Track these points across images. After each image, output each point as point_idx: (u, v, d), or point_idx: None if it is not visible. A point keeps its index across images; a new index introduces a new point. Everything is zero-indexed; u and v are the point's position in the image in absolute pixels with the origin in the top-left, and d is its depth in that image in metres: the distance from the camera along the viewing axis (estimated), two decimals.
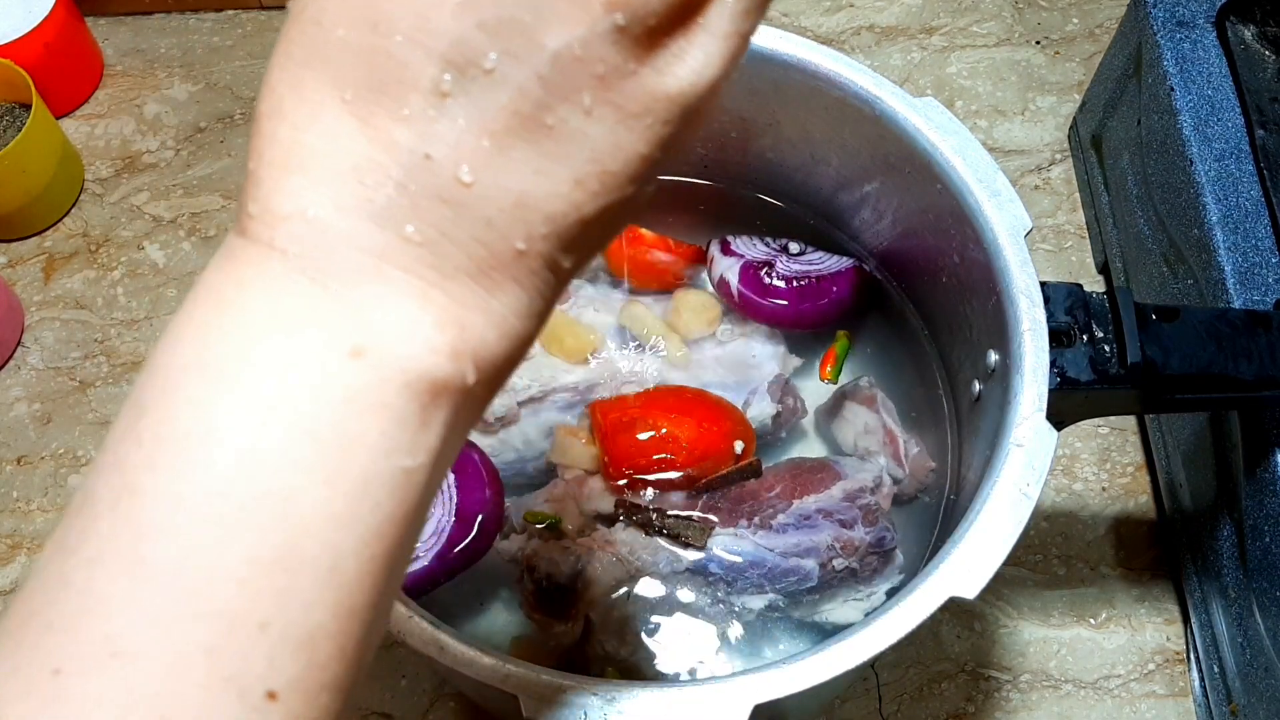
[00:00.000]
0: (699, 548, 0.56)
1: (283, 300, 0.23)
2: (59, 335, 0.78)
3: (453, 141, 0.22)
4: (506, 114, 0.22)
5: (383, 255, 0.23)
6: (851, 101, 0.57)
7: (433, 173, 0.22)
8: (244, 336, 0.23)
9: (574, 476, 0.59)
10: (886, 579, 0.57)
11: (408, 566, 0.27)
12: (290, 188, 0.23)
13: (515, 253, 0.23)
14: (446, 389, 0.24)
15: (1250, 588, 0.58)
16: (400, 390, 0.23)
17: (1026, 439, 0.47)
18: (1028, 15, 0.90)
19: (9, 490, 0.72)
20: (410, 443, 0.24)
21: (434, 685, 0.65)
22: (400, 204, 0.22)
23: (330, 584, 0.23)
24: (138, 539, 0.22)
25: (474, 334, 0.24)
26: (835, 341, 0.65)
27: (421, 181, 0.22)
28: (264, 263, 0.23)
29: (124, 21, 0.91)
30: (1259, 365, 0.51)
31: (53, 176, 0.79)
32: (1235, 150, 0.64)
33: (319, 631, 0.23)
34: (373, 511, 0.23)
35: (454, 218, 0.23)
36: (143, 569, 0.22)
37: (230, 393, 0.22)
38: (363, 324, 0.23)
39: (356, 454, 0.23)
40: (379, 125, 0.22)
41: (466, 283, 0.23)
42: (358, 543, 0.23)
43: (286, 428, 0.22)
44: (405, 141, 0.22)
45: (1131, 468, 0.72)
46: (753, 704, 0.41)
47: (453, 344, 0.23)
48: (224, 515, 0.22)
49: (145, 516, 0.22)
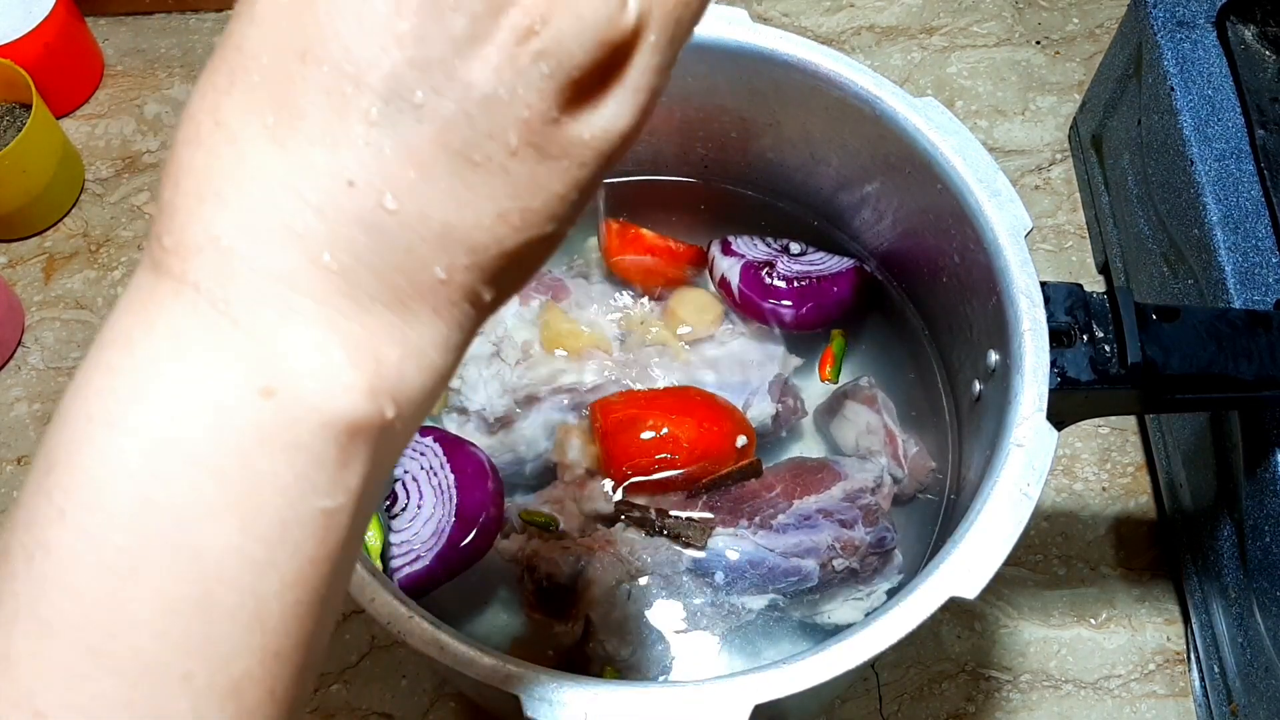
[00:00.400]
0: (699, 548, 0.56)
1: (190, 339, 0.22)
2: (59, 335, 0.78)
3: (377, 169, 0.22)
4: (434, 146, 0.22)
5: (296, 284, 0.22)
6: (852, 101, 0.57)
7: (354, 199, 0.22)
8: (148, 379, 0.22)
9: (574, 476, 0.59)
10: (886, 579, 0.57)
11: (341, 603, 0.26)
12: (206, 217, 0.22)
13: (436, 282, 0.23)
14: (364, 427, 0.23)
15: (1250, 588, 0.58)
16: (316, 430, 0.23)
17: (1027, 439, 0.47)
18: (1028, 15, 0.90)
19: (9, 490, 0.72)
20: (329, 483, 0.23)
21: (434, 685, 0.65)
22: (318, 230, 0.22)
23: (254, 630, 0.23)
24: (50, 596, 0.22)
25: (391, 369, 0.24)
26: (831, 341, 0.65)
27: (342, 207, 0.22)
28: (174, 300, 0.22)
29: (124, 21, 0.91)
30: (1259, 365, 0.51)
31: (53, 176, 0.79)
32: (1235, 150, 0.64)
33: (246, 679, 0.23)
34: (293, 555, 0.23)
35: (374, 245, 0.23)
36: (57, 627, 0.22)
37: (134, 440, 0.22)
38: (275, 362, 0.22)
39: (271, 498, 0.22)
40: (300, 151, 0.22)
41: (384, 313, 0.23)
42: (280, 587, 0.23)
43: (195, 475, 0.22)
44: (327, 167, 0.22)
45: (1132, 468, 0.72)
46: (753, 704, 0.41)
47: (369, 381, 0.23)
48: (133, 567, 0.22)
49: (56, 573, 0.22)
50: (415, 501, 0.56)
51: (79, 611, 0.22)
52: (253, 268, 0.22)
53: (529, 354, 0.61)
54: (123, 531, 0.22)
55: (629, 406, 0.59)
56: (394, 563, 0.54)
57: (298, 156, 0.22)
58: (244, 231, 0.22)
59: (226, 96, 0.23)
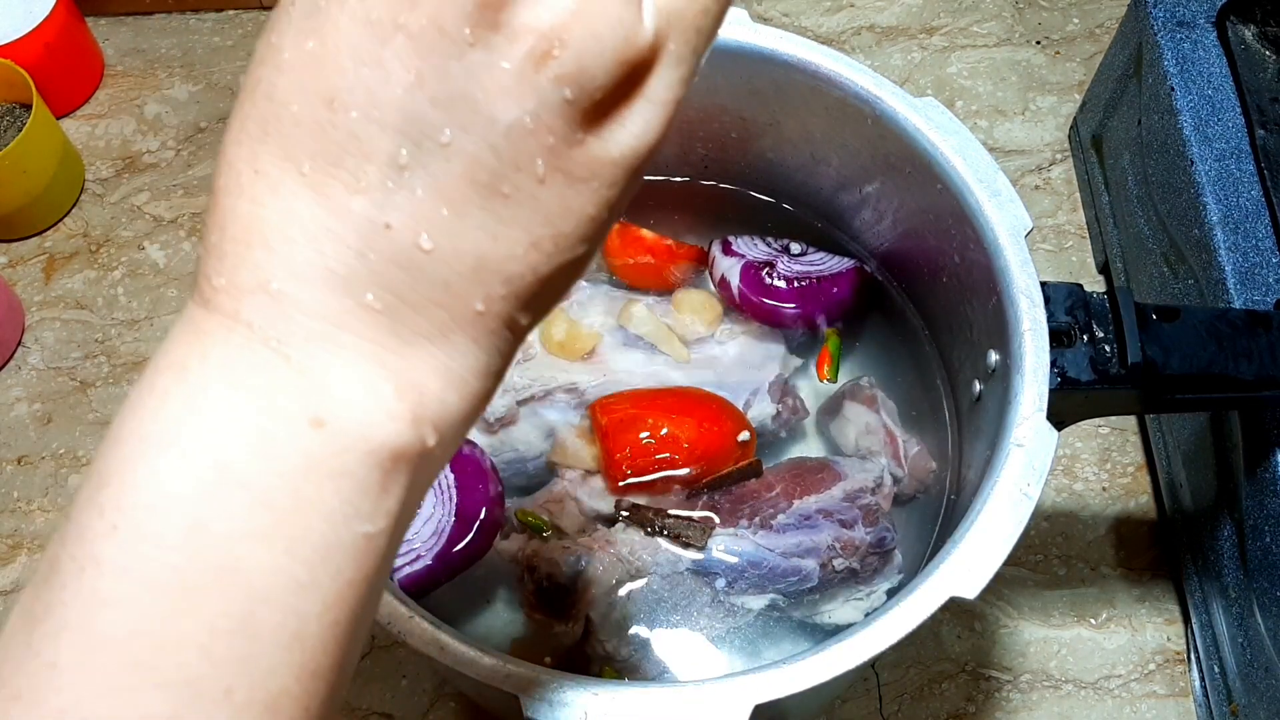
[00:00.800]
0: (699, 548, 0.56)
1: (245, 371, 0.23)
2: (59, 335, 0.78)
3: (411, 211, 0.23)
4: (463, 183, 0.23)
5: (344, 324, 0.23)
6: (852, 101, 0.57)
7: (392, 241, 0.23)
8: (205, 407, 0.23)
9: (574, 476, 0.59)
10: (887, 579, 0.57)
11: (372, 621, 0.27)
12: (254, 261, 0.23)
13: (474, 314, 0.24)
14: (406, 454, 0.24)
15: (1251, 588, 0.58)
16: (361, 459, 0.24)
17: (1027, 439, 0.47)
18: (1028, 15, 0.90)
19: (9, 490, 0.72)
20: (371, 509, 0.24)
21: (434, 685, 0.65)
22: (360, 272, 0.23)
23: (294, 649, 0.23)
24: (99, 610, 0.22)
25: (433, 397, 0.24)
26: (826, 341, 0.65)
27: (381, 250, 0.23)
28: (228, 334, 0.23)
29: (124, 21, 0.91)
30: (1259, 365, 0.51)
31: (53, 177, 0.79)
32: (1235, 150, 0.64)
33: (284, 695, 0.23)
34: (334, 577, 0.24)
35: (413, 283, 0.23)
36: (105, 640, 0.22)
37: (190, 464, 0.23)
38: (323, 394, 0.23)
39: (317, 522, 0.23)
40: (337, 197, 0.23)
41: (426, 346, 0.24)
42: (320, 608, 0.24)
43: (246, 498, 0.23)
44: (363, 212, 0.23)
45: (1132, 468, 0.72)
46: (753, 704, 0.41)
47: (413, 410, 0.24)
48: (183, 585, 0.22)
49: (106, 587, 0.22)
50: None
51: (127, 625, 0.22)
52: (301, 309, 0.23)
53: (529, 354, 0.61)
54: (174, 550, 0.22)
55: (629, 406, 0.59)
56: (394, 562, 0.54)
57: (335, 203, 0.23)
58: (291, 275, 0.23)
59: (262, 145, 0.23)
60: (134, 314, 0.78)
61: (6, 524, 0.71)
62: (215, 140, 0.85)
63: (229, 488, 0.23)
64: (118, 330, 0.78)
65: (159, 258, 0.81)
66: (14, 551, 0.70)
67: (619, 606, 0.55)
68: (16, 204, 0.78)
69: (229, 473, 0.23)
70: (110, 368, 0.76)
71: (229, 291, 0.23)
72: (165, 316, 0.78)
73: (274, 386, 0.23)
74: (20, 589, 0.69)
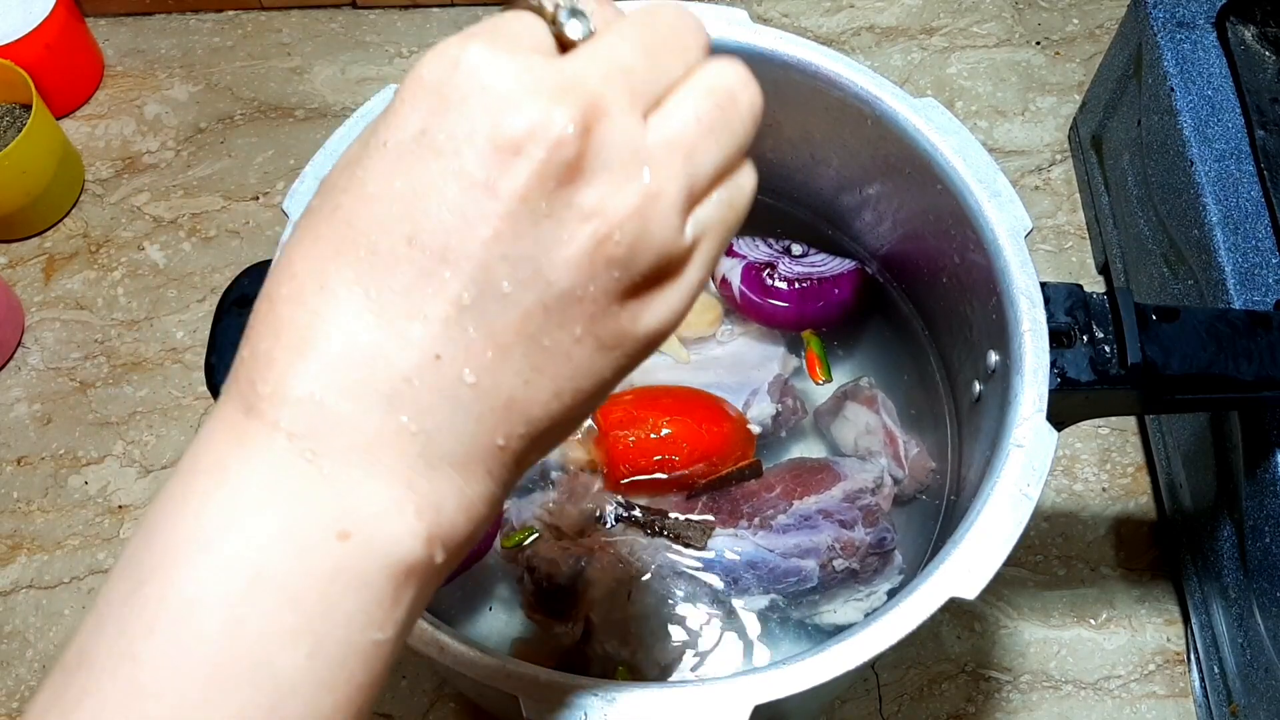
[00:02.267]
0: (699, 548, 0.56)
1: (281, 481, 0.25)
2: (59, 336, 0.78)
3: (463, 347, 0.25)
4: (512, 331, 0.25)
5: (379, 441, 0.25)
6: (852, 102, 0.57)
7: (440, 371, 0.25)
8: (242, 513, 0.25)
9: (573, 476, 0.59)
10: (887, 579, 0.57)
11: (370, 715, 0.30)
12: (305, 372, 0.25)
13: (495, 447, 0.26)
14: (417, 570, 0.26)
15: (1250, 588, 0.58)
16: (380, 571, 0.25)
17: (1027, 439, 0.47)
18: (1028, 16, 0.90)
19: (9, 490, 0.72)
20: (384, 618, 0.26)
21: (434, 686, 0.65)
22: (404, 395, 0.25)
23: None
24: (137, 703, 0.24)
25: (446, 519, 0.26)
26: (808, 344, 0.65)
27: (427, 378, 0.25)
28: (268, 442, 0.25)
29: (124, 22, 0.91)
30: (1259, 365, 0.51)
31: (53, 177, 0.79)
32: (1235, 151, 0.64)
33: None
34: (349, 680, 0.25)
35: (450, 412, 0.25)
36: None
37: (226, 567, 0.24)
38: (352, 508, 0.25)
39: (338, 627, 0.25)
40: (397, 324, 0.25)
41: (448, 471, 0.26)
42: (334, 705, 0.25)
43: (276, 601, 0.24)
44: (419, 341, 0.25)
45: (1132, 468, 0.72)
46: (753, 704, 0.41)
47: (429, 529, 0.26)
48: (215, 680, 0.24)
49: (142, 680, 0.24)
50: None
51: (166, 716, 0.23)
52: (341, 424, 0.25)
53: None
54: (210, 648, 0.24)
55: (629, 406, 0.59)
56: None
57: (394, 329, 0.25)
58: (338, 390, 0.25)
59: (333, 264, 0.25)
60: (134, 314, 0.78)
61: (6, 524, 0.71)
62: (215, 141, 0.85)
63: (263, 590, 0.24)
64: (117, 331, 0.78)
65: (159, 258, 0.80)
66: (14, 552, 0.70)
67: (619, 607, 0.55)
68: (16, 204, 0.78)
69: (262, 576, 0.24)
70: (110, 368, 0.76)
71: (272, 400, 0.25)
72: (165, 317, 0.78)
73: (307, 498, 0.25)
74: (19, 589, 0.69)
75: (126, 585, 0.25)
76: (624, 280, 0.26)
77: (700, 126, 0.27)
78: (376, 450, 0.25)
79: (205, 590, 0.24)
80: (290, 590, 0.24)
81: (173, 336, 0.77)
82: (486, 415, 0.26)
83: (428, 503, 0.26)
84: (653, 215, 0.26)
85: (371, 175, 0.25)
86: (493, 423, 0.26)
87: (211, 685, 0.24)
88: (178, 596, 0.24)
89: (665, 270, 0.27)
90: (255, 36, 0.90)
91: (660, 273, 0.27)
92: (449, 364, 0.25)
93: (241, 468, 0.25)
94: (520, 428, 0.26)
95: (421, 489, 0.26)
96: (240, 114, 0.87)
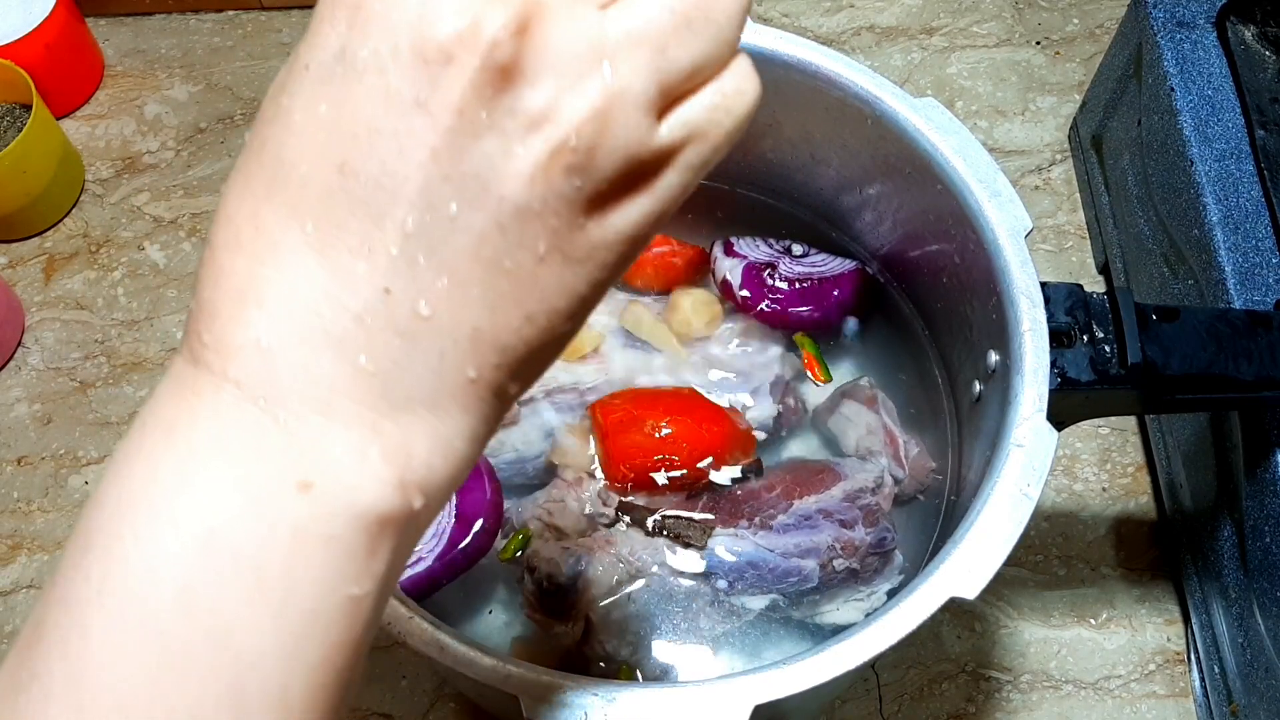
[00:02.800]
0: (699, 548, 0.56)
1: (232, 433, 0.23)
2: (59, 336, 0.78)
3: (412, 278, 0.23)
4: (466, 256, 0.23)
5: (335, 386, 0.23)
6: (852, 102, 0.57)
7: (391, 306, 0.23)
8: (191, 470, 0.23)
9: (574, 477, 0.59)
10: (887, 579, 0.57)
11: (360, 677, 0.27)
12: (247, 319, 0.23)
13: (466, 381, 0.24)
14: (393, 518, 0.24)
15: (1251, 588, 0.58)
16: (348, 523, 0.24)
17: (1027, 439, 0.47)
18: (1028, 16, 0.90)
19: (9, 491, 0.72)
20: (358, 572, 0.24)
21: (434, 686, 0.65)
22: (356, 335, 0.23)
23: (280, 713, 0.23)
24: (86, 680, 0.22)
25: (420, 462, 0.25)
26: (801, 347, 0.65)
27: (379, 314, 0.23)
28: (216, 394, 0.23)
29: (124, 22, 0.91)
30: (1259, 365, 0.51)
31: (53, 177, 0.79)
32: (1235, 150, 0.64)
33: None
34: (321, 641, 0.24)
35: (408, 349, 0.24)
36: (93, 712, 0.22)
37: (175, 528, 0.23)
38: (311, 457, 0.23)
39: (304, 587, 0.23)
40: (339, 260, 0.23)
41: (417, 411, 0.24)
42: (306, 671, 0.24)
43: (232, 563, 0.23)
44: (365, 276, 0.23)
45: (1132, 468, 0.72)
46: (753, 704, 0.41)
47: (400, 474, 0.24)
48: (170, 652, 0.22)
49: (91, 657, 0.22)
50: None
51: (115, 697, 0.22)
52: (292, 369, 0.23)
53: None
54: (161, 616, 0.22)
55: (629, 406, 0.59)
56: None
57: (336, 265, 0.23)
58: (285, 335, 0.23)
59: (266, 203, 0.23)
60: (134, 314, 0.78)
61: (6, 524, 0.71)
62: (215, 141, 0.85)
63: (216, 553, 0.23)
64: (117, 331, 0.78)
65: (159, 258, 0.81)
66: (14, 552, 0.70)
67: (619, 607, 0.55)
68: (16, 204, 0.78)
69: (216, 538, 0.23)
70: (110, 368, 0.76)
71: (218, 349, 0.23)
72: (165, 317, 0.78)
73: (261, 449, 0.23)
74: (19, 589, 0.69)
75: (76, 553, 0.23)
76: (586, 189, 0.23)
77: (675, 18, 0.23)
78: (333, 395, 0.23)
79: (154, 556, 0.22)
80: (248, 550, 0.23)
81: (173, 337, 0.77)
82: (450, 349, 0.24)
83: (395, 446, 0.24)
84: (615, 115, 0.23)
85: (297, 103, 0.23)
86: (458, 356, 0.24)
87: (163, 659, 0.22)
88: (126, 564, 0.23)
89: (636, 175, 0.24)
90: (255, 36, 0.90)
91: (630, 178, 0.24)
92: (400, 298, 0.23)
93: (190, 422, 0.23)
94: (492, 358, 0.24)
95: (388, 432, 0.24)
96: (240, 114, 0.87)
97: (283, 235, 0.23)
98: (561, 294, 0.24)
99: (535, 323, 0.24)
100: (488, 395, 0.25)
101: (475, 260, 0.23)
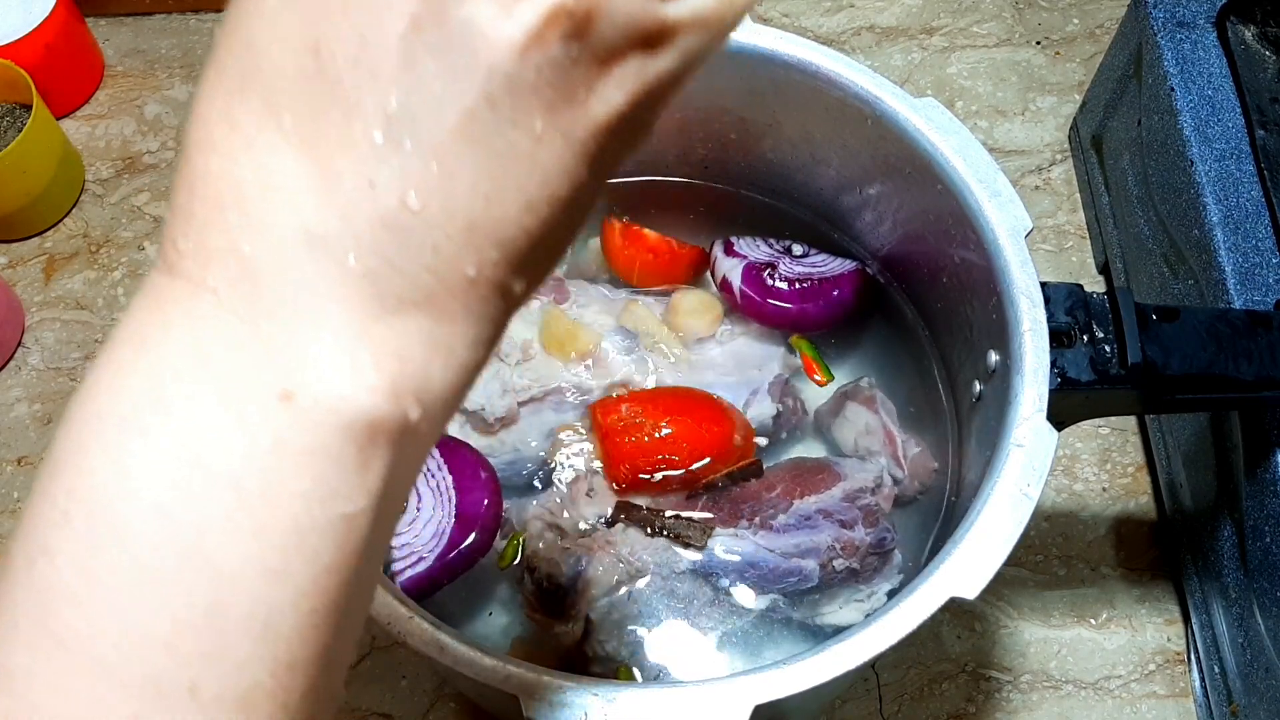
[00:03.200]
0: (699, 548, 0.56)
1: (209, 341, 0.22)
2: (59, 336, 0.78)
3: (398, 166, 0.21)
4: (456, 138, 0.21)
5: (319, 289, 0.22)
6: (852, 102, 0.57)
7: (377, 199, 0.21)
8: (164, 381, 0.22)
9: (573, 477, 0.59)
10: (887, 579, 0.57)
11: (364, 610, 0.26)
12: (224, 223, 0.22)
13: (465, 279, 0.22)
14: (385, 428, 0.23)
15: (1251, 588, 0.58)
16: (334, 433, 0.22)
17: (1027, 439, 0.47)
18: (1028, 16, 0.90)
19: (9, 491, 0.72)
20: (349, 488, 0.22)
21: (434, 686, 0.65)
22: (341, 234, 0.21)
23: (265, 641, 0.22)
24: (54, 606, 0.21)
25: (416, 368, 0.23)
26: (799, 349, 0.65)
27: (364, 209, 0.21)
28: (192, 301, 0.22)
29: (124, 22, 0.91)
30: (1259, 365, 0.51)
31: (53, 177, 0.79)
32: (1235, 150, 0.64)
33: (256, 691, 0.22)
34: (310, 563, 0.22)
35: (400, 245, 0.22)
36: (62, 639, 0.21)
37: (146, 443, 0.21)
38: (293, 365, 0.22)
39: (288, 503, 0.22)
40: (319, 152, 0.21)
41: (412, 313, 0.22)
42: (295, 595, 0.22)
43: (208, 479, 0.21)
44: (347, 168, 0.21)
45: (1132, 468, 0.72)
46: (753, 704, 0.41)
47: (392, 381, 0.22)
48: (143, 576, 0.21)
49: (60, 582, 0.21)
50: (414, 504, 0.56)
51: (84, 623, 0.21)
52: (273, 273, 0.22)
53: (529, 354, 0.61)
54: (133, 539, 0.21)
55: (629, 406, 0.59)
56: (395, 565, 0.54)
57: (316, 158, 0.21)
58: (264, 237, 0.21)
59: (239, 97, 0.22)
60: None
61: (6, 524, 0.71)
62: None
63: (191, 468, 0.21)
64: None
65: None
66: None
67: (619, 607, 0.55)
68: (16, 204, 0.78)
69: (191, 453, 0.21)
70: None
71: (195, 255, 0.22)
72: None
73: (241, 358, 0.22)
74: None
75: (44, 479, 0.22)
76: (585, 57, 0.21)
77: None
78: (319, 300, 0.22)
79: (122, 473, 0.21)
80: (225, 464, 0.21)
81: None
82: (444, 243, 0.22)
83: (387, 351, 0.22)
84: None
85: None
86: (454, 251, 0.22)
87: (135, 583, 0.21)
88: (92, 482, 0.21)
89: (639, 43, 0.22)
90: None
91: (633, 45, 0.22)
92: (386, 189, 0.21)
93: (163, 333, 0.22)
94: (492, 253, 0.22)
95: (378, 336, 0.22)
96: None
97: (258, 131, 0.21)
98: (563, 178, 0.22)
99: (536, 211, 0.22)
100: (490, 294, 0.23)
101: (466, 141, 0.21)
